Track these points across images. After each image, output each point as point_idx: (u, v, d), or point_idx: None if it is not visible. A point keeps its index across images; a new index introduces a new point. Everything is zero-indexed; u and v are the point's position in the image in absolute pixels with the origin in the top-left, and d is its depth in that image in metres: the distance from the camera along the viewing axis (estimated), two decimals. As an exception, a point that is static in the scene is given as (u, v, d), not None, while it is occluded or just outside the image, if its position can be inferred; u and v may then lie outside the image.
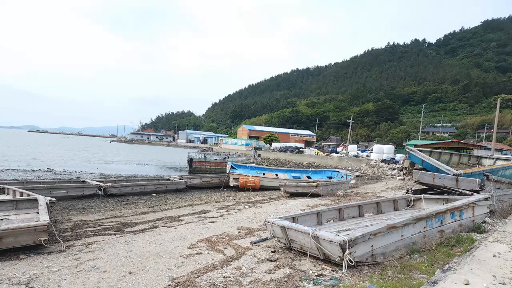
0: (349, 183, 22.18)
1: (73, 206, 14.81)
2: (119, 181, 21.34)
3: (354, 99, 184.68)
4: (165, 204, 16.57)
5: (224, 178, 24.83)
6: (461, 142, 40.22)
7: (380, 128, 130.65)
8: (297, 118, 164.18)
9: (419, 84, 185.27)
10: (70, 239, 8.98)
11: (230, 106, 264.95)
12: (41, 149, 67.79)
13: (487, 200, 10.06)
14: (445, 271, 5.54)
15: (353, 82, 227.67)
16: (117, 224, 11.13)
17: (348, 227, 8.45)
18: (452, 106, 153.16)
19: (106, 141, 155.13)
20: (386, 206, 11.42)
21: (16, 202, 11.38)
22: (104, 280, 5.97)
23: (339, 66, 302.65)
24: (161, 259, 7.16)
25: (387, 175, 34.60)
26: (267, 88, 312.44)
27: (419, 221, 7.55)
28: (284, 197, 19.00)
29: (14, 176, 25.17)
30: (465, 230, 8.90)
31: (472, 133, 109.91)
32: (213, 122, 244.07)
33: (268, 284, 5.69)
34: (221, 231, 9.85)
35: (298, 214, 8.85)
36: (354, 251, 6.22)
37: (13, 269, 6.47)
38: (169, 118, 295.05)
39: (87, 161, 46.89)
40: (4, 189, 14.62)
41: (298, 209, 13.75)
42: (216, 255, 7.46)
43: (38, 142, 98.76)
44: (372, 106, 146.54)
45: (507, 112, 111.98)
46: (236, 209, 14.76)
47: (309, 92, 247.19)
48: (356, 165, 43.83)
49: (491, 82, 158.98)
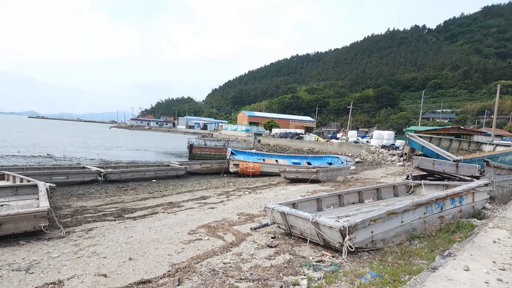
0: (349, 169, 22.19)
1: (73, 192, 14.84)
2: (119, 167, 21.35)
3: (354, 85, 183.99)
4: (165, 190, 16.59)
5: (224, 164, 24.84)
6: (461, 128, 40.06)
7: (380, 114, 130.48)
8: (297, 104, 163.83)
9: (419, 70, 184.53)
10: (70, 225, 8.99)
11: (230, 92, 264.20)
12: (41, 135, 67.75)
13: (487, 186, 10.03)
14: (445, 257, 5.54)
15: (353, 68, 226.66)
16: (117, 210, 11.15)
17: (348, 213, 8.45)
18: (452, 92, 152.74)
19: (106, 127, 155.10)
20: (386, 192, 11.41)
21: (16, 188, 11.39)
22: (104, 266, 5.97)
23: (339, 52, 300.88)
24: (161, 245, 7.17)
25: (387, 161, 34.60)
26: (267, 74, 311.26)
27: (419, 207, 7.54)
28: (284, 183, 19.02)
29: (14, 162, 25.18)
30: (465, 216, 8.90)
31: (472, 119, 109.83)
32: (213, 108, 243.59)
33: (268, 270, 5.69)
34: (221, 217, 9.86)
35: (298, 200, 8.84)
36: (354, 237, 6.22)
37: (13, 255, 6.47)
38: (169, 104, 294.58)
39: (87, 147, 46.88)
40: (4, 175, 14.63)
41: (298, 195, 13.75)
42: (216, 241, 7.46)
43: (38, 128, 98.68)
44: (372, 92, 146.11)
45: (507, 98, 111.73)
46: (236, 195, 14.77)
47: (309, 78, 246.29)
48: (356, 151, 43.84)
49: (491, 68, 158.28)
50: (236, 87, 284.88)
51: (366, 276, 5.21)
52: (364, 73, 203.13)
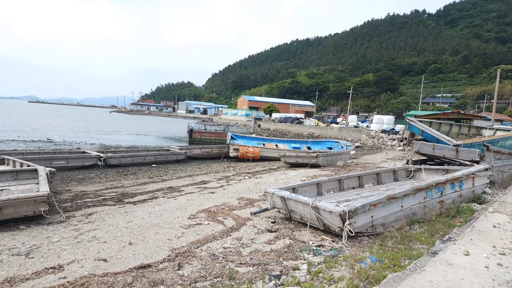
0: (349, 153, 22.17)
1: (73, 177, 14.84)
2: (119, 151, 21.33)
3: (354, 69, 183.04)
4: (165, 174, 16.60)
5: (224, 148, 24.81)
6: (461, 112, 39.94)
7: (380, 99, 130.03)
8: (297, 88, 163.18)
9: (419, 54, 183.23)
10: (70, 209, 9.00)
11: (230, 76, 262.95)
12: (41, 119, 67.58)
13: (487, 171, 10.01)
14: (445, 242, 5.54)
15: (353, 53, 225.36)
16: (117, 194, 11.16)
17: (348, 198, 8.44)
18: (452, 77, 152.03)
19: (106, 112, 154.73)
20: (386, 177, 11.40)
21: (16, 172, 11.39)
22: (104, 250, 5.98)
23: (339, 36, 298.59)
24: (161, 229, 7.18)
25: (387, 145, 34.54)
26: (267, 58, 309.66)
27: (419, 191, 7.53)
28: (284, 168, 19.02)
29: (14, 146, 25.14)
30: (465, 201, 8.90)
31: (472, 103, 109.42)
32: (213, 93, 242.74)
33: (268, 254, 5.69)
34: (221, 202, 9.87)
35: (298, 185, 8.83)
36: (354, 222, 6.22)
37: (13, 240, 6.48)
38: (169, 89, 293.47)
39: (87, 131, 46.81)
40: (4, 160, 14.62)
41: (298, 180, 13.76)
42: (216, 225, 7.47)
43: (38, 113, 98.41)
44: (372, 77, 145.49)
45: (507, 83, 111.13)
46: (236, 179, 14.79)
47: (309, 62, 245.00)
48: (356, 136, 43.77)
49: (491, 52, 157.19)
50: (236, 71, 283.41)
51: (366, 261, 5.21)
52: (364, 57, 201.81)
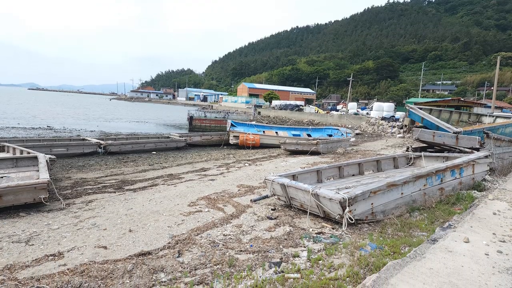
0: (349, 141, 22.14)
1: (73, 164, 14.82)
2: (119, 139, 21.28)
3: (354, 57, 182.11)
4: (165, 162, 16.59)
5: (224, 136, 24.76)
6: (461, 100, 39.72)
7: (380, 86, 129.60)
8: (297, 76, 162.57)
9: (419, 42, 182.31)
10: (70, 197, 9.00)
11: (230, 64, 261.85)
12: (41, 107, 67.41)
13: (487, 158, 10.00)
14: (445, 229, 5.54)
15: (353, 40, 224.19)
16: (117, 182, 11.15)
17: (348, 185, 8.43)
18: (452, 64, 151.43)
19: (106, 99, 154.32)
20: (386, 164, 11.40)
21: (16, 160, 11.38)
22: (104, 237, 5.98)
23: (339, 24, 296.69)
24: (161, 216, 7.18)
25: (387, 133, 34.50)
26: (267, 46, 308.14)
27: (419, 179, 7.52)
28: (284, 155, 19.01)
29: (14, 134, 25.10)
30: (465, 188, 8.90)
31: (472, 91, 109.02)
32: (213, 80, 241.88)
33: (268, 241, 5.70)
34: (221, 189, 9.87)
35: (298, 172, 8.82)
36: (354, 209, 6.22)
37: (13, 227, 6.48)
38: (169, 76, 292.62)
39: (87, 119, 46.70)
40: (4, 147, 14.57)
41: (298, 167, 13.75)
42: (216, 213, 7.47)
43: (38, 100, 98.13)
44: (372, 64, 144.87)
45: (507, 70, 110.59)
46: (236, 167, 14.77)
47: (309, 50, 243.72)
48: (356, 123, 43.69)
49: (491, 40, 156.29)
50: (236, 59, 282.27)
51: (366, 248, 5.21)
52: (364, 45, 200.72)
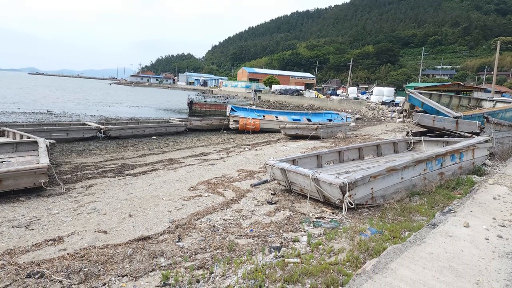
0: (349, 125, 22.09)
1: (73, 149, 14.81)
2: (119, 123, 21.24)
3: (354, 41, 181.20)
4: (165, 146, 16.58)
5: (224, 120, 24.71)
6: (461, 84, 39.53)
7: (380, 71, 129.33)
8: (297, 60, 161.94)
9: (419, 26, 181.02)
10: (70, 181, 9.00)
11: (230, 48, 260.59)
12: (41, 91, 67.14)
13: (487, 143, 9.97)
14: (445, 214, 5.53)
15: (353, 25, 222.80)
16: (117, 166, 11.15)
17: (348, 170, 8.42)
18: (452, 49, 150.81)
19: (106, 84, 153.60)
20: (386, 149, 11.38)
21: (16, 144, 11.35)
22: (104, 222, 5.99)
23: (339, 8, 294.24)
24: (161, 201, 7.18)
25: (387, 117, 34.44)
26: (267, 30, 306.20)
27: (419, 163, 7.50)
28: (284, 140, 18.98)
29: (14, 118, 25.03)
30: (465, 173, 8.89)
31: (472, 75, 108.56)
32: (213, 65, 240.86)
33: (268, 226, 5.70)
34: (221, 174, 9.86)
35: (298, 157, 8.80)
36: (354, 194, 6.21)
37: (13, 212, 6.49)
38: (169, 61, 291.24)
39: (87, 103, 46.55)
40: (4, 132, 14.54)
41: (298, 152, 13.74)
42: (216, 197, 7.47)
43: (38, 85, 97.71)
44: (372, 49, 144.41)
45: (507, 55, 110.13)
46: (236, 151, 14.76)
47: (309, 34, 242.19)
48: (356, 108, 43.57)
49: (491, 24, 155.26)
50: (236, 43, 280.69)
51: (366, 233, 5.22)
52: (364, 29, 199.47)
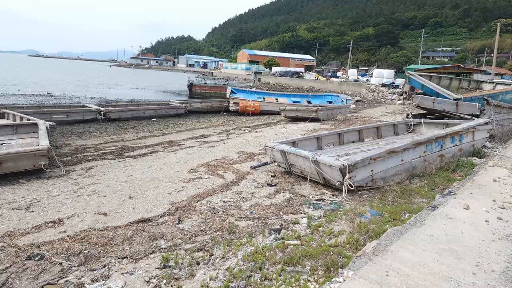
0: (349, 107, 22.04)
1: (73, 131, 14.75)
2: (119, 105, 21.13)
3: (354, 23, 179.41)
4: (165, 128, 16.53)
5: (224, 102, 24.59)
6: (461, 66, 39.43)
7: (380, 53, 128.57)
8: (297, 42, 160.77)
9: (419, 8, 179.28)
10: (70, 163, 8.98)
11: (230, 30, 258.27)
12: (41, 73, 66.74)
13: (487, 125, 9.95)
14: (445, 196, 5.54)
15: (353, 7, 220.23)
16: (117, 148, 11.12)
17: (348, 152, 8.40)
18: (452, 31, 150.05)
19: (106, 66, 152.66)
20: (386, 131, 11.35)
21: (16, 126, 11.32)
22: (104, 204, 6.00)
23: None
24: (161, 183, 7.18)
25: (387, 99, 34.29)
26: (267, 12, 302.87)
27: (419, 145, 7.49)
28: (284, 122, 18.94)
29: (14, 100, 24.91)
30: (465, 155, 8.88)
31: (472, 57, 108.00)
32: (213, 47, 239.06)
33: (268, 208, 5.71)
34: (221, 156, 9.86)
35: (298, 139, 8.79)
36: (354, 176, 6.21)
37: (13, 194, 6.49)
38: (169, 43, 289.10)
39: (87, 85, 46.29)
40: (4, 114, 14.48)
41: (298, 134, 13.71)
42: (216, 179, 7.47)
43: (38, 67, 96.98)
44: (372, 31, 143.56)
45: (507, 37, 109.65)
46: (236, 133, 14.74)
47: (309, 16, 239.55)
48: (356, 90, 43.35)
49: (491, 6, 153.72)
50: (236, 25, 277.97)
51: (366, 215, 5.23)
52: (364, 11, 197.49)
